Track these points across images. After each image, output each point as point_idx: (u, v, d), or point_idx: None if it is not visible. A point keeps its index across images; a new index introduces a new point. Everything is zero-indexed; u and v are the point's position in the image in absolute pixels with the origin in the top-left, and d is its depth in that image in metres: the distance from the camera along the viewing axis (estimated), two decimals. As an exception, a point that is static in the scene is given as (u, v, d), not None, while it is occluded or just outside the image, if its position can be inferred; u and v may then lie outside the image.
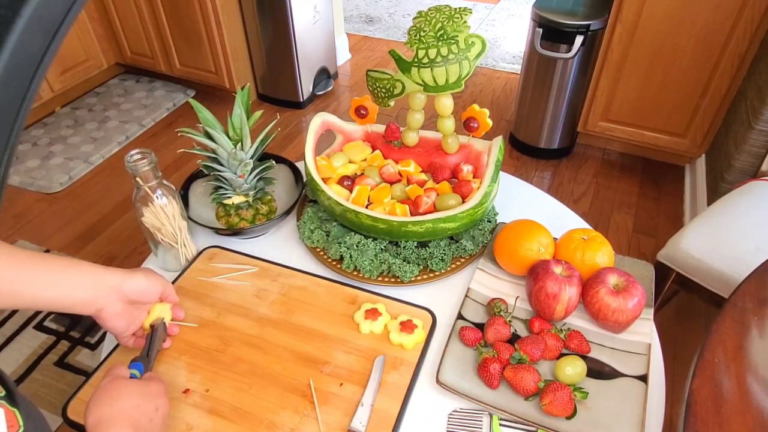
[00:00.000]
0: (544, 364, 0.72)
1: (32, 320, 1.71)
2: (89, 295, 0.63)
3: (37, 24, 0.17)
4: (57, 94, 2.58)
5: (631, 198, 2.13)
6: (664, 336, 0.82)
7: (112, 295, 0.65)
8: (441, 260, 0.85)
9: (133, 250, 1.96)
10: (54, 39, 0.18)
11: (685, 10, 1.77)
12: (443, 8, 0.82)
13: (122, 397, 0.56)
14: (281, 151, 2.44)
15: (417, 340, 0.75)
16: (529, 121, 2.27)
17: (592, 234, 0.82)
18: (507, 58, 3.10)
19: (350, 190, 0.91)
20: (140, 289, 0.68)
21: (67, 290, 0.61)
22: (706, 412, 0.62)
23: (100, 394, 0.57)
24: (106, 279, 0.64)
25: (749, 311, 0.75)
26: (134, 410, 0.56)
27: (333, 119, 0.98)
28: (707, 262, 1.21)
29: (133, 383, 0.59)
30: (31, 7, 0.16)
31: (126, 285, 0.66)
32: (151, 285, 0.69)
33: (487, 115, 0.91)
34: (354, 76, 2.99)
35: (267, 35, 2.48)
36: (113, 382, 0.58)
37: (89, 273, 0.63)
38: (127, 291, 0.66)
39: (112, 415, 0.54)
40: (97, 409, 0.55)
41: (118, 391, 0.57)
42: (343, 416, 0.67)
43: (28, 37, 0.16)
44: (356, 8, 3.70)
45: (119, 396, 0.56)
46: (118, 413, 0.54)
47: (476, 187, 0.88)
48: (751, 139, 1.64)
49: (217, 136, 0.83)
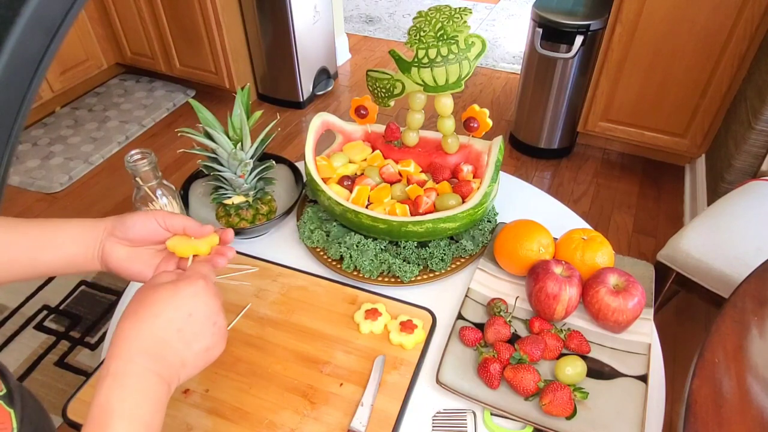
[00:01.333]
0: (544, 364, 0.72)
1: (32, 320, 1.71)
2: (86, 247, 0.56)
3: (37, 24, 0.17)
4: (57, 94, 2.58)
5: (631, 198, 2.13)
6: (664, 336, 0.82)
7: (109, 240, 0.56)
8: (441, 260, 0.85)
9: (133, 250, 1.95)
10: (54, 39, 0.18)
11: (685, 10, 1.77)
12: (443, 8, 0.82)
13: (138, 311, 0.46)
14: (281, 151, 2.44)
15: (417, 340, 0.75)
16: (529, 121, 2.27)
17: (592, 234, 0.82)
18: (507, 58, 3.10)
19: (350, 190, 0.91)
20: (134, 222, 0.56)
21: (63, 248, 0.55)
22: (706, 412, 0.62)
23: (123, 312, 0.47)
24: (99, 225, 0.57)
25: (749, 311, 0.75)
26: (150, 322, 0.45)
27: (333, 119, 0.98)
28: (707, 262, 1.21)
29: (158, 288, 0.48)
30: (31, 7, 0.16)
31: (119, 222, 0.56)
32: (149, 217, 0.57)
33: (487, 115, 0.91)
34: (354, 76, 2.99)
35: (267, 35, 2.48)
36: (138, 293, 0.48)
37: (82, 224, 0.56)
38: (123, 229, 0.56)
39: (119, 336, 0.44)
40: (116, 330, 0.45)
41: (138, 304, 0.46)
42: (343, 416, 0.67)
43: (28, 37, 0.16)
44: (356, 8, 3.70)
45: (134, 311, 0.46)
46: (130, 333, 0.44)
47: (476, 187, 0.88)
48: (751, 139, 1.64)
49: (217, 136, 0.83)
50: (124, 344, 0.43)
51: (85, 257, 0.56)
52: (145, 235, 0.58)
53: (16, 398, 0.44)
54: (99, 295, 1.80)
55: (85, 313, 1.74)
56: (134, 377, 0.42)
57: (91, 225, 0.57)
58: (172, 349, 0.45)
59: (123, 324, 0.45)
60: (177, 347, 0.45)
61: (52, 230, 0.55)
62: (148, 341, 0.44)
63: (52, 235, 0.55)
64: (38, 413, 0.50)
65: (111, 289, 1.81)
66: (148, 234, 0.58)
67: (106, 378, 0.41)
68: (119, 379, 0.41)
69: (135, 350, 0.43)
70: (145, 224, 0.57)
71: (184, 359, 0.46)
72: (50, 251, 0.54)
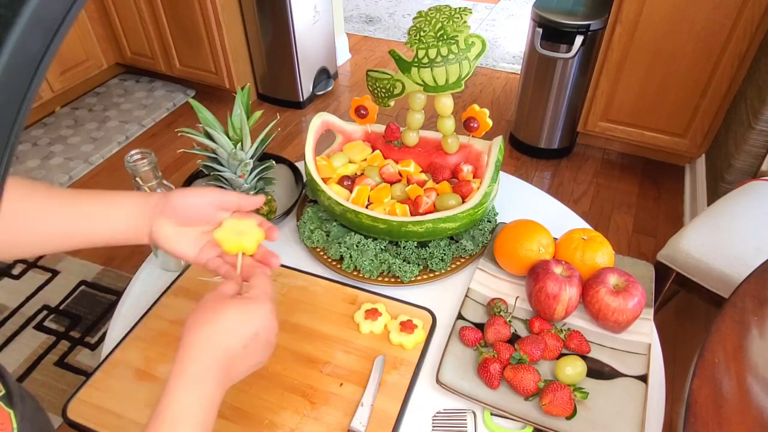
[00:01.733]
0: (544, 364, 0.72)
1: (32, 320, 1.71)
2: (136, 223, 0.57)
3: (37, 24, 0.17)
4: (57, 94, 2.58)
5: (631, 198, 2.13)
6: (664, 336, 0.82)
7: (158, 218, 0.57)
8: (441, 260, 0.85)
9: (134, 250, 1.96)
10: (54, 39, 0.18)
11: (685, 10, 1.77)
12: (443, 8, 0.82)
13: (212, 321, 0.48)
14: (281, 151, 2.44)
15: (417, 340, 0.75)
16: (529, 121, 2.27)
17: (592, 234, 0.82)
18: (507, 58, 3.10)
19: (350, 190, 0.91)
20: (185, 206, 0.57)
21: (117, 223, 0.56)
22: (706, 412, 0.62)
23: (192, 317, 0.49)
24: (150, 201, 0.57)
25: (749, 311, 0.75)
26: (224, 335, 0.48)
27: (333, 119, 0.98)
28: (707, 262, 1.21)
29: (230, 302, 0.51)
30: (31, 7, 0.16)
31: (168, 202, 0.57)
32: (199, 194, 0.58)
33: (487, 115, 0.91)
34: (354, 76, 2.99)
35: (267, 35, 2.48)
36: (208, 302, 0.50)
37: (134, 200, 0.57)
38: (171, 211, 0.57)
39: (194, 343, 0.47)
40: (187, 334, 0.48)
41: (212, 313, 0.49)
42: (343, 416, 0.67)
43: (28, 37, 0.16)
44: (356, 8, 3.70)
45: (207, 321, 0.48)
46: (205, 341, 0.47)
47: (476, 187, 0.88)
48: (751, 139, 1.64)
49: (217, 136, 0.83)
50: (201, 350, 0.47)
51: (136, 233, 0.58)
52: (191, 218, 0.59)
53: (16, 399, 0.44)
54: (99, 295, 1.80)
55: (85, 313, 1.74)
56: (207, 385, 0.46)
57: (143, 201, 0.58)
58: (236, 363, 0.49)
59: (197, 330, 0.48)
60: (240, 361, 0.49)
61: (106, 204, 0.57)
62: (220, 352, 0.47)
63: (106, 210, 0.57)
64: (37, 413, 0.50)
65: (111, 289, 1.81)
66: (195, 217, 0.59)
67: (181, 379, 0.46)
68: (196, 385, 0.46)
69: (210, 359, 0.47)
70: (194, 208, 0.58)
71: (239, 372, 0.50)
72: (104, 225, 0.56)
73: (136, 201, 0.58)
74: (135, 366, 0.74)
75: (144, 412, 0.68)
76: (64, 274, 1.86)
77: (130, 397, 0.70)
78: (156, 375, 0.73)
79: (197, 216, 0.59)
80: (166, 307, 0.82)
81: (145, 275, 0.90)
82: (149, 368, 0.73)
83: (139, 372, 0.73)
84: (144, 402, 0.70)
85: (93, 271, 1.87)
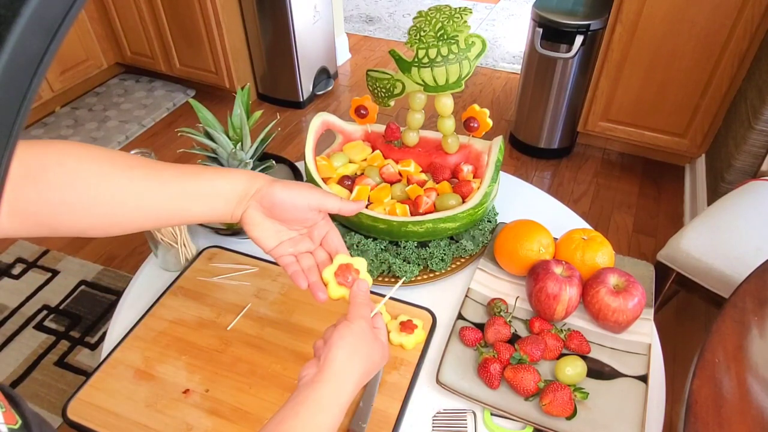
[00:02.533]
0: (544, 364, 0.72)
1: (32, 320, 1.71)
2: (232, 205, 0.57)
3: (37, 24, 0.17)
4: (57, 94, 2.58)
5: (631, 198, 2.13)
6: (664, 336, 0.82)
7: (253, 204, 0.57)
8: (441, 260, 0.85)
9: (133, 249, 1.96)
10: (54, 39, 0.17)
11: (685, 10, 1.77)
12: (443, 8, 0.82)
13: (368, 353, 0.56)
14: (281, 151, 2.44)
15: (417, 340, 0.75)
16: (529, 121, 2.27)
17: (592, 234, 0.82)
18: (507, 58, 3.10)
19: (350, 190, 0.91)
20: (283, 206, 0.57)
21: (213, 203, 0.56)
22: (706, 412, 0.62)
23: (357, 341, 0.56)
24: (253, 185, 0.57)
25: (749, 311, 0.75)
26: (368, 363, 0.56)
27: (333, 119, 0.98)
28: (707, 262, 1.21)
29: (377, 338, 0.58)
30: (31, 7, 0.16)
31: (268, 195, 0.56)
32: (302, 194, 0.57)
33: (487, 115, 0.91)
34: (354, 76, 2.99)
35: (267, 35, 2.48)
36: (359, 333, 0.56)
37: (241, 178, 0.57)
38: (269, 205, 0.57)
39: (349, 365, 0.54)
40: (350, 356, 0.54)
41: (360, 343, 0.56)
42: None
43: (28, 37, 0.16)
44: (356, 8, 3.70)
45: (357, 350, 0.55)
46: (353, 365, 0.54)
47: (476, 187, 0.88)
48: (751, 139, 1.64)
49: (217, 136, 0.83)
50: (348, 371, 0.54)
51: (231, 215, 0.58)
52: (287, 218, 0.59)
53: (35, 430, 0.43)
54: (99, 295, 1.80)
55: (85, 313, 1.74)
56: (345, 397, 0.53)
57: (248, 183, 0.58)
58: (358, 383, 0.55)
59: (352, 352, 0.55)
60: (358, 383, 0.55)
61: (205, 184, 0.57)
62: (357, 375, 0.54)
63: (206, 190, 0.57)
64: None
65: (111, 289, 1.81)
66: (291, 218, 0.59)
67: (329, 383, 0.52)
68: (339, 392, 0.52)
69: (351, 380, 0.54)
70: (293, 210, 0.58)
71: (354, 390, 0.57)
72: (201, 205, 0.56)
73: (242, 182, 0.57)
74: (135, 366, 0.74)
75: (144, 412, 0.68)
76: (64, 274, 1.86)
77: (130, 397, 0.70)
78: (156, 375, 0.73)
79: (293, 217, 0.59)
80: (166, 307, 0.82)
81: (145, 275, 0.90)
82: (149, 368, 0.73)
83: (138, 372, 0.73)
84: (144, 402, 0.70)
85: (93, 271, 1.87)
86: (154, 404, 0.69)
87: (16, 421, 0.40)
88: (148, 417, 0.68)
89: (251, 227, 0.58)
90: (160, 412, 0.68)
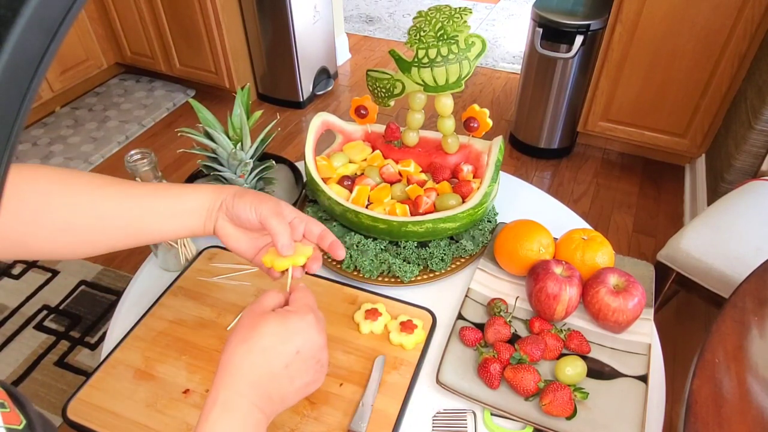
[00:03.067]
0: (544, 364, 0.72)
1: (32, 320, 1.71)
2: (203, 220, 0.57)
3: (37, 24, 0.17)
4: (57, 94, 2.58)
5: (631, 198, 2.13)
6: (664, 336, 0.82)
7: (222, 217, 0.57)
8: (441, 260, 0.85)
9: (133, 249, 1.95)
10: (54, 39, 0.17)
11: (685, 10, 1.77)
12: (443, 8, 0.82)
13: (249, 339, 0.46)
14: (281, 151, 2.44)
15: (417, 340, 0.75)
16: (529, 121, 2.27)
17: (592, 234, 0.82)
18: (507, 58, 3.10)
19: (350, 190, 0.91)
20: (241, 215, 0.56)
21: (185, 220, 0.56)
22: (707, 412, 0.62)
23: (231, 334, 0.47)
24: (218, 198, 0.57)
25: (749, 311, 0.75)
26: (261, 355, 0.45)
27: (333, 119, 0.98)
28: (707, 262, 1.21)
29: (268, 318, 0.48)
30: (31, 7, 0.16)
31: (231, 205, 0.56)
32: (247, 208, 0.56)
33: (487, 115, 0.91)
34: (354, 76, 2.99)
35: (267, 35, 2.48)
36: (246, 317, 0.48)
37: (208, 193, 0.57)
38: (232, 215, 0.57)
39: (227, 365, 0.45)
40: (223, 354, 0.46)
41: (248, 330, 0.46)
42: (343, 416, 0.67)
43: (28, 37, 0.16)
44: (356, 8, 3.70)
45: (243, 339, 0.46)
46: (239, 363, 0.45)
47: (476, 187, 0.88)
48: (751, 139, 1.64)
49: (217, 136, 0.83)
50: (234, 374, 0.44)
51: (203, 229, 0.58)
52: (253, 228, 0.59)
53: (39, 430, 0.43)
54: (99, 295, 1.80)
55: (85, 313, 1.74)
56: (241, 412, 0.43)
57: (215, 197, 0.58)
58: (277, 385, 0.46)
59: (233, 350, 0.46)
60: (282, 383, 0.46)
61: (175, 201, 0.57)
62: (257, 374, 0.45)
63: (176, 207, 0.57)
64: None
65: (111, 289, 1.81)
66: (255, 228, 0.58)
67: (214, 407, 0.43)
68: (228, 412, 0.43)
69: (245, 383, 0.44)
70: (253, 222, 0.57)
71: (285, 395, 0.47)
72: (173, 223, 0.57)
73: (209, 196, 0.58)
74: (135, 366, 0.74)
75: (144, 412, 0.68)
76: (64, 274, 1.86)
77: (130, 397, 0.70)
78: (156, 375, 0.73)
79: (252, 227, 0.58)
80: (166, 307, 0.82)
81: (145, 275, 0.90)
82: (149, 368, 0.73)
83: (139, 372, 0.73)
84: (144, 402, 0.70)
85: (93, 271, 1.87)
86: (154, 404, 0.69)
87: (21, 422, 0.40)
88: (148, 417, 0.68)
89: (226, 239, 0.59)
90: (160, 412, 0.68)
